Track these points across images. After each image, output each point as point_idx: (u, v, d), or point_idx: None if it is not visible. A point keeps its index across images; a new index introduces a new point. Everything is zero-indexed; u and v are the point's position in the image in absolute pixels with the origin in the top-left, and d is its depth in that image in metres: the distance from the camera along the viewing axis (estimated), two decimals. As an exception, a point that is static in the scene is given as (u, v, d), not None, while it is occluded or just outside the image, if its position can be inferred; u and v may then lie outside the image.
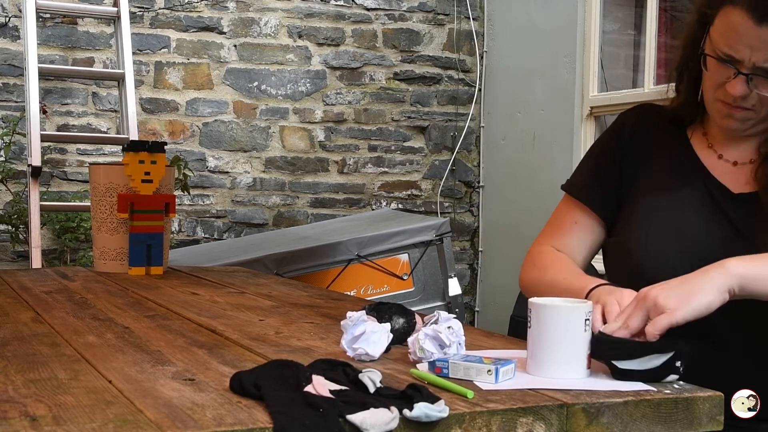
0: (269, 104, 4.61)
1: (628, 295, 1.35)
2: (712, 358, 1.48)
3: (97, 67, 4.33)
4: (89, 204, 2.61)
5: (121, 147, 3.15)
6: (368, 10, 4.76)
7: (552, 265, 1.63)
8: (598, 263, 1.76)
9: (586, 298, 1.43)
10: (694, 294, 1.29)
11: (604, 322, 1.32)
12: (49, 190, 4.21)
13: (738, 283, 1.31)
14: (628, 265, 1.57)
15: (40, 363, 1.26)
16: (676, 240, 1.53)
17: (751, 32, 1.43)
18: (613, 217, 1.66)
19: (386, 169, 4.81)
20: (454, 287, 3.93)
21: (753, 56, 1.44)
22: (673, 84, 1.67)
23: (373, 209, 4.76)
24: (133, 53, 3.91)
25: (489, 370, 1.15)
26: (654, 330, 1.25)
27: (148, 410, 0.99)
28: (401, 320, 1.41)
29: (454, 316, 1.33)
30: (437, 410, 0.99)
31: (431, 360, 1.22)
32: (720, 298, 1.30)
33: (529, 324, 1.24)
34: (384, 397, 1.03)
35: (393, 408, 0.98)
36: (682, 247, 1.52)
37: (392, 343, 1.34)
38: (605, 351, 1.23)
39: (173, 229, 4.39)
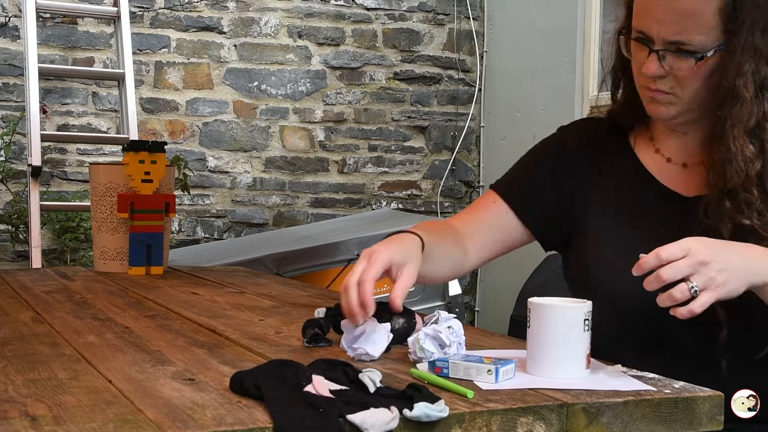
0: (269, 104, 4.61)
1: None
2: (712, 358, 1.48)
3: (97, 67, 4.33)
4: (89, 204, 2.61)
5: (121, 147, 3.15)
6: (368, 9, 4.76)
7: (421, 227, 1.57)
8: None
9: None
10: (746, 273, 1.27)
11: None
12: (49, 190, 4.21)
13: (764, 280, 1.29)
14: (586, 277, 1.54)
15: (40, 363, 1.26)
16: (630, 254, 1.44)
17: (656, 4, 1.42)
18: (543, 231, 1.63)
19: (386, 169, 4.81)
20: (454, 287, 3.93)
21: (660, 30, 1.42)
22: (604, 94, 1.66)
23: (373, 209, 4.76)
24: (133, 53, 3.91)
25: (489, 370, 1.15)
26: (697, 308, 1.21)
27: (148, 410, 0.99)
28: (401, 320, 1.41)
29: (454, 316, 1.33)
30: (437, 410, 0.99)
31: (431, 360, 1.22)
32: (744, 288, 1.28)
33: (528, 324, 1.24)
34: (384, 397, 1.03)
35: (393, 408, 0.98)
36: (636, 257, 1.49)
37: (392, 343, 1.34)
38: None
39: (173, 229, 4.39)
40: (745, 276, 1.28)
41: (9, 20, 4.21)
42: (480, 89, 4.94)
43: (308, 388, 1.02)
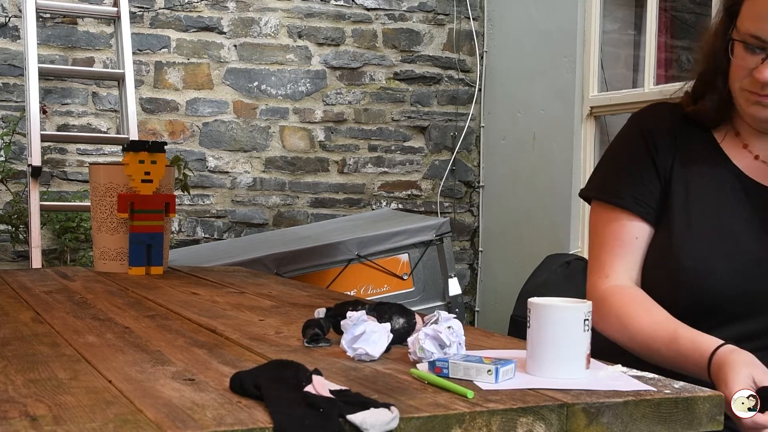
0: (269, 104, 4.61)
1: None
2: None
3: (97, 67, 4.33)
4: (89, 204, 2.61)
5: (121, 147, 3.15)
6: (368, 10, 4.76)
7: (629, 319, 1.50)
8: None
9: (710, 359, 1.38)
10: None
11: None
12: (49, 190, 4.21)
13: None
14: (670, 265, 1.53)
15: (40, 363, 1.26)
16: (719, 241, 1.51)
17: None
18: (655, 215, 1.59)
19: (386, 169, 4.81)
20: (454, 287, 3.93)
21: None
22: (685, 84, 1.64)
23: (373, 209, 4.76)
24: (133, 53, 3.91)
25: (489, 370, 1.15)
26: None
27: (148, 410, 0.99)
28: (401, 320, 1.41)
29: (454, 316, 1.33)
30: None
31: (431, 360, 1.22)
32: None
33: (528, 324, 1.24)
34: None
35: (393, 408, 0.98)
36: (727, 249, 1.50)
37: (392, 343, 1.34)
38: None
39: (173, 229, 4.39)
40: None
41: (9, 20, 4.21)
42: (480, 89, 4.94)
43: (308, 388, 1.02)
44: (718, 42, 1.55)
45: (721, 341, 1.40)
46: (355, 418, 0.95)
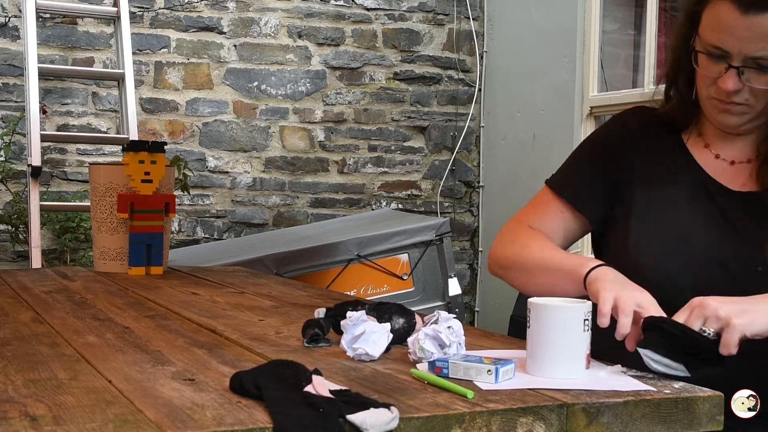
0: (269, 104, 4.61)
1: (649, 301, 1.32)
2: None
3: (97, 67, 4.33)
4: (89, 204, 2.61)
5: (121, 147, 3.15)
6: (368, 10, 4.76)
7: (537, 241, 1.60)
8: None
9: (585, 278, 1.41)
10: (758, 313, 1.28)
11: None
12: (49, 190, 4.21)
13: None
14: (627, 263, 1.57)
15: (40, 363, 1.26)
16: (675, 239, 1.53)
17: (738, 22, 1.42)
18: (599, 217, 1.65)
19: (386, 169, 4.81)
20: (454, 287, 3.93)
21: (742, 47, 1.43)
22: (662, 87, 1.67)
23: (373, 209, 4.76)
24: (133, 53, 3.91)
25: (489, 370, 1.15)
26: (731, 345, 1.23)
27: (148, 410, 0.99)
28: (401, 320, 1.41)
29: (454, 316, 1.33)
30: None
31: (431, 360, 1.22)
32: None
33: (528, 324, 1.24)
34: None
35: (393, 408, 0.98)
36: (682, 246, 1.51)
37: (392, 343, 1.34)
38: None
39: (173, 229, 4.39)
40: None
41: (9, 20, 4.21)
42: (480, 89, 4.94)
43: (308, 388, 1.02)
44: (681, 47, 1.56)
45: (598, 261, 1.46)
46: (355, 418, 0.95)
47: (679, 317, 1.28)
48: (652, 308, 1.30)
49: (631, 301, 1.31)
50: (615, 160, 1.64)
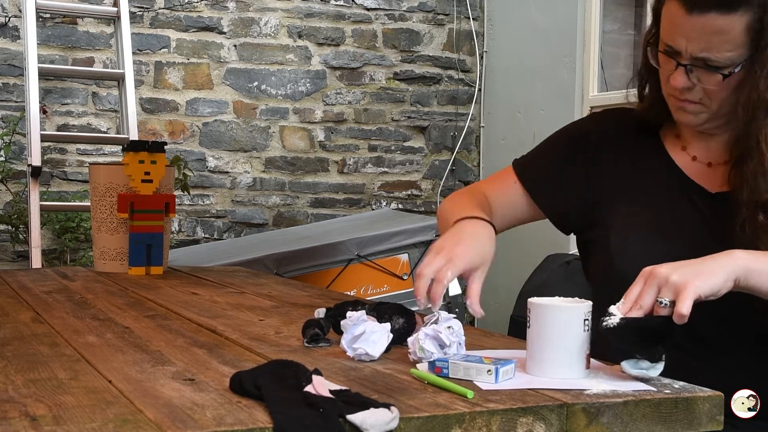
0: (269, 104, 4.61)
1: (449, 261, 1.41)
2: (711, 359, 1.48)
3: (97, 67, 4.33)
4: (89, 204, 2.61)
5: (121, 147, 3.15)
6: (368, 10, 4.76)
7: (462, 199, 1.67)
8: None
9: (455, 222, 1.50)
10: (707, 274, 1.26)
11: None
12: (49, 190, 4.21)
13: (744, 273, 1.29)
14: (608, 267, 1.56)
15: (40, 363, 1.26)
16: (654, 241, 1.53)
17: (684, 22, 1.43)
18: (557, 210, 1.68)
19: (386, 169, 4.81)
20: (454, 287, 3.93)
21: (689, 46, 1.44)
22: (634, 89, 1.68)
23: (373, 209, 4.76)
24: (133, 53, 3.91)
25: (489, 370, 1.15)
26: (685, 308, 1.21)
27: (148, 410, 0.99)
28: (401, 320, 1.41)
29: (454, 316, 1.33)
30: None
31: (431, 360, 1.22)
32: (728, 285, 1.28)
33: (528, 324, 1.24)
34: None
35: (393, 408, 0.98)
36: (661, 248, 1.50)
37: (392, 343, 1.34)
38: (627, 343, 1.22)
39: (173, 229, 4.39)
40: (722, 270, 1.28)
41: (9, 20, 4.21)
42: (480, 89, 4.94)
43: (308, 388, 1.02)
44: (645, 46, 1.58)
45: (470, 214, 1.53)
46: (355, 418, 0.95)
47: (633, 290, 1.27)
48: (449, 273, 1.39)
49: (430, 263, 1.39)
50: (591, 158, 1.65)
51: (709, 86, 1.46)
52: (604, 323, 1.23)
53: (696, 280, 1.24)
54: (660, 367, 1.22)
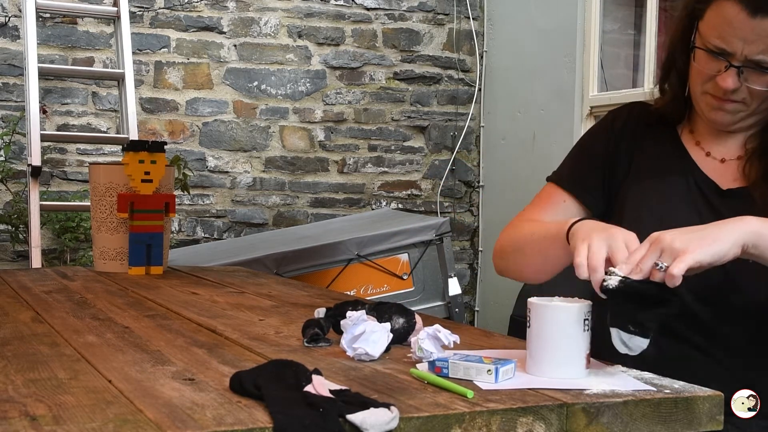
0: (269, 104, 4.61)
1: (634, 237, 1.32)
2: (711, 358, 1.48)
3: (97, 67, 4.33)
4: (89, 204, 2.61)
5: (121, 147, 3.15)
6: (368, 9, 4.76)
7: (529, 223, 1.63)
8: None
9: (567, 232, 1.42)
10: (713, 239, 1.27)
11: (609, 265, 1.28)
12: (49, 190, 4.21)
13: (753, 239, 1.29)
14: None
15: (40, 363, 1.26)
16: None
17: (744, 24, 1.43)
18: (600, 206, 1.66)
19: (386, 169, 4.81)
20: (454, 287, 3.93)
21: (745, 49, 1.44)
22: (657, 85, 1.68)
23: (373, 209, 4.76)
24: (133, 53, 3.91)
25: (489, 370, 1.15)
26: (677, 270, 1.21)
27: (148, 410, 0.99)
28: (401, 320, 1.41)
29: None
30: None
31: (431, 360, 1.22)
32: (734, 250, 1.28)
33: (528, 324, 1.24)
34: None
35: (393, 408, 0.98)
36: None
37: (392, 343, 1.34)
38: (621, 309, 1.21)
39: (173, 228, 4.39)
40: (730, 235, 1.28)
41: (9, 20, 4.21)
42: (480, 89, 4.94)
43: (308, 388, 1.02)
44: (678, 42, 1.57)
45: (580, 216, 1.50)
46: (355, 418, 0.95)
47: (637, 253, 1.26)
48: (620, 253, 1.28)
49: (601, 247, 1.30)
50: (613, 153, 1.65)
51: (757, 87, 1.47)
52: (604, 283, 1.23)
53: (698, 247, 1.24)
54: (644, 344, 1.22)
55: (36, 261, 3.33)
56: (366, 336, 1.29)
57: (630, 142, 1.65)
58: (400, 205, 4.83)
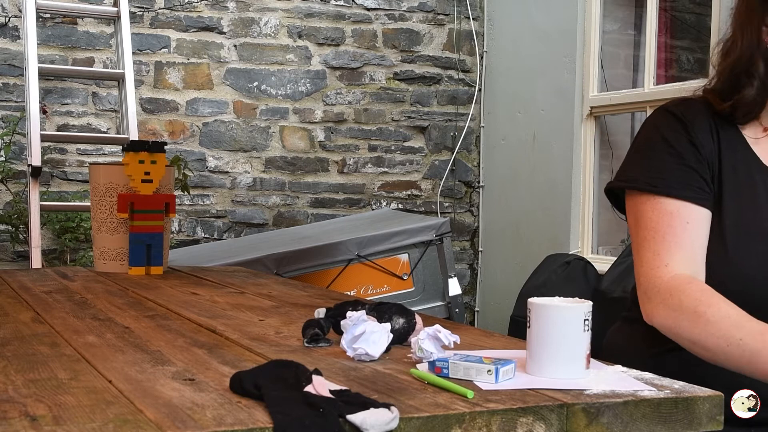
0: (269, 104, 4.61)
1: None
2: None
3: (97, 67, 4.33)
4: (89, 204, 2.61)
5: (121, 147, 3.15)
6: (368, 10, 4.76)
7: (709, 307, 1.37)
8: (599, 263, 1.73)
9: None
10: None
11: None
12: (49, 190, 4.21)
13: None
14: (727, 273, 1.47)
15: (40, 363, 1.26)
16: (756, 245, 1.47)
17: None
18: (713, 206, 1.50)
19: (386, 169, 4.81)
20: (454, 287, 3.93)
21: None
22: (698, 81, 1.61)
23: (373, 209, 4.76)
24: (133, 53, 3.91)
25: (489, 370, 1.15)
26: None
27: (148, 410, 0.99)
28: (401, 320, 1.41)
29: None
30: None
31: (431, 360, 1.22)
32: None
33: (528, 324, 1.24)
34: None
35: (393, 408, 0.98)
36: (764, 253, 1.46)
37: (392, 343, 1.34)
38: None
39: (173, 229, 4.39)
40: None
41: (9, 20, 4.21)
42: (480, 89, 4.94)
43: (308, 388, 1.02)
44: (754, 31, 1.48)
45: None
46: (355, 418, 0.95)
47: None
48: None
49: None
50: (700, 143, 1.51)
51: None
52: None
53: None
54: None
55: (36, 261, 3.33)
56: (366, 336, 1.29)
57: (709, 137, 1.51)
58: (400, 206, 4.83)
